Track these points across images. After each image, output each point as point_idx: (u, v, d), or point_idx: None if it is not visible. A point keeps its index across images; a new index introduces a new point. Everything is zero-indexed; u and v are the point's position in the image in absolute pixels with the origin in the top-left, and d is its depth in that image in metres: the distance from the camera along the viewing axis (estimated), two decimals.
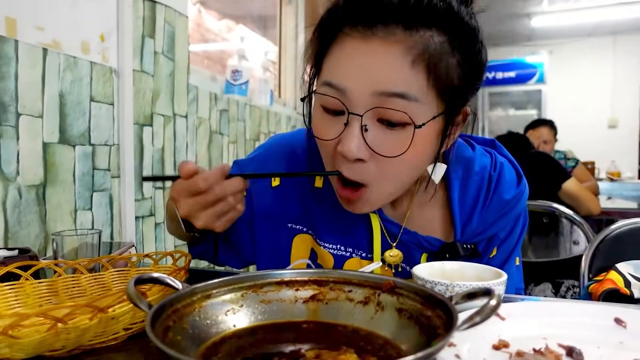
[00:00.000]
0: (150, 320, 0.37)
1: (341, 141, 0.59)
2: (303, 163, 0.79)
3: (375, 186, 0.62)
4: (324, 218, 0.77)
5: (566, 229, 1.77)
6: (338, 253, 0.76)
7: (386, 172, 0.61)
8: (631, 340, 0.47)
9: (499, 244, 0.75)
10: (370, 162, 0.60)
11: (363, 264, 0.74)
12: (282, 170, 0.81)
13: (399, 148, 0.58)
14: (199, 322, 0.44)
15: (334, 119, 0.61)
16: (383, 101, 0.56)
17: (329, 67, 0.60)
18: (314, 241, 0.78)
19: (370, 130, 0.58)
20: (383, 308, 0.46)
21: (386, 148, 0.58)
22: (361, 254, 0.75)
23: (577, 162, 2.92)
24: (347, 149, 0.58)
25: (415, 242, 0.73)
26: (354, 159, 0.59)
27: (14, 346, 0.42)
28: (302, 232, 0.79)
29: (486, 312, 0.36)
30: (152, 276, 0.46)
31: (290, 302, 0.49)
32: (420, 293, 0.44)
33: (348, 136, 0.58)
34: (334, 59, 0.60)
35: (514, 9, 5.00)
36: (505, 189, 0.73)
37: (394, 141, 0.58)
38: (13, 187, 0.97)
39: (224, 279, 0.48)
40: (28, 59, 1.00)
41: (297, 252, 0.79)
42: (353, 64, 0.57)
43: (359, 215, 0.73)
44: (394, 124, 0.58)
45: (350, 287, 0.49)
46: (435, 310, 0.41)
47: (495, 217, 0.73)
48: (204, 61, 2.13)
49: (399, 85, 0.56)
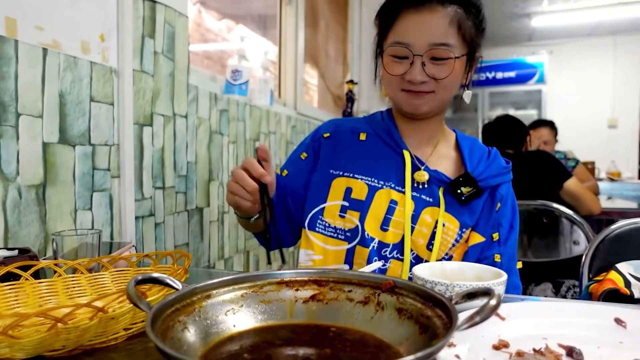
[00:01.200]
0: (150, 321, 0.37)
1: (409, 73, 0.90)
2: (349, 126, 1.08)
3: (437, 93, 0.93)
4: (364, 160, 1.01)
5: (566, 229, 1.77)
6: (372, 184, 0.98)
7: (439, 86, 0.92)
8: (631, 340, 0.47)
9: (502, 200, 0.98)
10: (429, 83, 0.91)
11: (391, 194, 0.96)
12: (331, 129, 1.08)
13: (445, 73, 0.91)
14: (199, 322, 0.44)
15: (401, 62, 0.92)
16: (434, 47, 0.89)
17: (396, 33, 0.92)
18: (350, 179, 0.99)
19: (427, 65, 0.90)
20: (383, 308, 0.46)
21: (437, 73, 0.91)
22: (391, 185, 0.97)
23: (577, 162, 2.92)
24: (414, 77, 0.90)
25: (436, 176, 0.97)
26: (419, 82, 0.90)
27: (14, 346, 0.42)
28: (339, 175, 1.00)
29: (486, 312, 0.36)
30: (152, 276, 0.46)
31: (290, 302, 0.49)
32: (420, 293, 0.44)
33: (414, 69, 0.90)
34: (399, 28, 0.92)
35: (514, 9, 4.99)
36: (501, 161, 1.02)
37: (441, 70, 0.91)
38: (13, 187, 0.97)
39: (224, 279, 0.48)
40: (28, 59, 1.00)
41: (333, 194, 0.99)
42: (413, 28, 0.90)
43: (393, 155, 1.00)
44: (440, 59, 0.90)
45: (350, 287, 0.49)
46: (435, 310, 0.41)
47: (496, 172, 0.98)
48: (204, 61, 2.13)
49: (443, 37, 0.89)
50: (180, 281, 0.46)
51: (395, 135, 1.01)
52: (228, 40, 2.37)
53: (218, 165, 1.86)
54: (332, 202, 0.99)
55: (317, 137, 1.08)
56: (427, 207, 0.95)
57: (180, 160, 1.58)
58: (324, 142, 1.06)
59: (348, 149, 1.03)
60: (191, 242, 1.63)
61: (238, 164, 2.03)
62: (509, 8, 4.94)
